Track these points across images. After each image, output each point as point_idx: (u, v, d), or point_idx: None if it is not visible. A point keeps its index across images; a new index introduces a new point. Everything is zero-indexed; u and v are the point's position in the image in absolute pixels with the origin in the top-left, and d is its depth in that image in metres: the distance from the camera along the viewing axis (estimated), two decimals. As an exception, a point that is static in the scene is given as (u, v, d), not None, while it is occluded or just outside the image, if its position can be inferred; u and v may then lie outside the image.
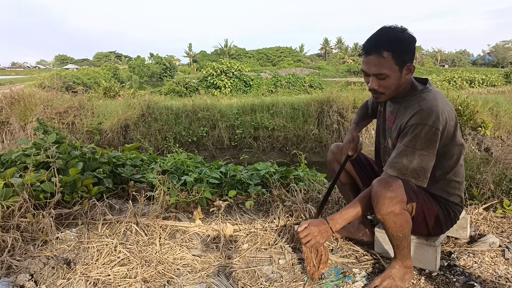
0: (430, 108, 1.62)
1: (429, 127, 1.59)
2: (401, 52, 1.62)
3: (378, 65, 1.63)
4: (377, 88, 1.68)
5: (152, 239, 2.19)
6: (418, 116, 1.62)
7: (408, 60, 1.65)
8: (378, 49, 1.62)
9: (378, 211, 1.59)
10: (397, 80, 1.66)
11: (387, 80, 1.65)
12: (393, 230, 1.63)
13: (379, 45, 1.62)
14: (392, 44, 1.61)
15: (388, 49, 1.60)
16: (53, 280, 1.81)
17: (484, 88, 21.21)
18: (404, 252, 1.71)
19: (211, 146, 11.96)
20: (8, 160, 3.08)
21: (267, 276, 1.86)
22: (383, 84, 1.67)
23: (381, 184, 1.60)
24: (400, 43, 1.63)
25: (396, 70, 1.64)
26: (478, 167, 3.05)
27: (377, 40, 1.65)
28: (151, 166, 3.41)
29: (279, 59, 72.67)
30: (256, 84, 22.52)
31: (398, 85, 1.68)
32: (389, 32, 1.65)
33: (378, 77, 1.66)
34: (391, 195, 1.56)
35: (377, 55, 1.62)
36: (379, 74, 1.64)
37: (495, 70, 41.95)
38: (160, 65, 59.74)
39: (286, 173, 3.14)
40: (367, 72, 1.69)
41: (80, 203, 2.63)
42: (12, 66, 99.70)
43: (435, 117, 1.60)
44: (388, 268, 1.75)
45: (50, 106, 12.21)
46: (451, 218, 1.82)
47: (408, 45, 1.65)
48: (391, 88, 1.68)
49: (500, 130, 11.79)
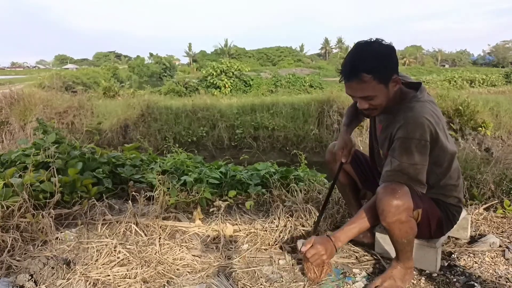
0: (416, 120, 1.58)
1: (417, 140, 1.56)
2: (382, 70, 1.55)
3: (361, 89, 1.57)
4: (367, 107, 1.64)
5: (152, 239, 2.19)
6: (404, 129, 1.59)
7: (391, 74, 1.58)
8: (357, 74, 1.53)
9: (384, 219, 1.57)
10: (386, 95, 1.62)
11: (375, 100, 1.61)
12: (398, 237, 1.63)
13: (357, 69, 1.54)
14: (370, 64, 1.53)
15: (367, 71, 1.52)
16: (53, 280, 1.80)
17: (484, 88, 21.23)
18: (407, 255, 1.71)
19: (211, 146, 11.96)
20: (7, 160, 3.07)
21: (267, 277, 1.86)
22: (373, 103, 1.62)
23: (386, 192, 1.56)
24: (377, 61, 1.54)
25: (381, 88, 1.57)
26: (479, 167, 3.05)
27: (353, 64, 1.56)
28: (151, 166, 3.40)
29: (279, 58, 72.60)
30: (256, 84, 22.54)
31: (388, 98, 1.64)
32: (363, 51, 1.58)
33: (366, 100, 1.62)
34: (397, 203, 1.53)
35: (357, 80, 1.55)
36: (366, 96, 1.60)
37: (495, 70, 41.94)
38: (159, 65, 59.71)
39: (286, 173, 3.13)
40: (350, 95, 1.66)
41: (80, 203, 2.63)
42: (12, 66, 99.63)
43: (422, 130, 1.56)
44: (389, 268, 1.75)
45: (50, 106, 12.23)
46: (451, 220, 1.82)
47: (387, 59, 1.58)
48: (382, 103, 1.63)
49: (500, 130, 11.79)
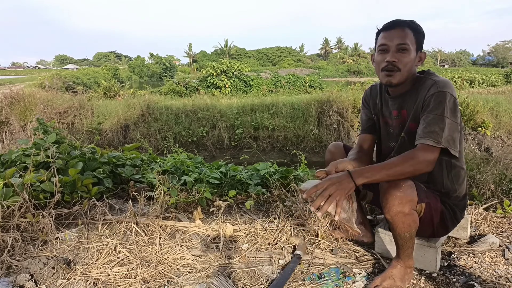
0: (444, 80, 1.67)
1: (450, 95, 1.61)
2: (419, 34, 1.72)
3: (402, 37, 1.69)
4: (396, 60, 1.69)
5: (152, 239, 2.19)
6: (436, 86, 1.64)
7: (422, 47, 1.74)
8: (401, 25, 1.71)
9: (388, 211, 1.58)
10: (413, 61, 1.72)
11: (406, 55, 1.69)
12: (401, 231, 1.62)
13: (402, 23, 1.72)
14: (413, 26, 1.72)
15: (411, 27, 1.71)
16: (53, 280, 1.80)
17: (484, 88, 21.24)
18: (408, 252, 1.71)
19: (211, 146, 11.96)
20: (8, 160, 3.08)
21: (267, 276, 1.86)
22: (401, 58, 1.70)
23: (390, 185, 1.58)
24: (418, 27, 1.73)
25: (414, 49, 1.71)
26: (478, 167, 3.06)
27: (399, 20, 1.74)
28: (151, 166, 3.40)
29: (279, 59, 72.63)
30: (256, 84, 22.52)
31: (411, 67, 1.72)
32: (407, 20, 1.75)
33: (399, 49, 1.69)
34: (401, 195, 1.55)
35: (400, 29, 1.71)
36: (402, 44, 1.69)
37: (495, 70, 42.01)
38: (160, 65, 59.73)
39: (286, 173, 3.14)
40: (388, 44, 1.71)
41: (80, 203, 2.63)
42: (12, 66, 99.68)
43: (453, 88, 1.64)
44: (389, 268, 1.75)
45: (50, 106, 12.22)
46: (457, 217, 1.82)
47: (422, 32, 1.74)
48: (407, 65, 1.71)
49: (500, 130, 11.79)
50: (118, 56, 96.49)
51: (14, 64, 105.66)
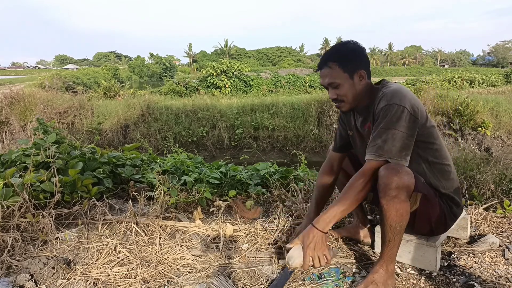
0: (393, 91, 1.71)
1: (396, 105, 1.65)
2: (346, 60, 1.78)
3: (328, 76, 1.80)
4: (335, 97, 1.82)
5: (152, 239, 2.19)
6: (384, 100, 1.70)
7: (357, 67, 1.78)
8: (325, 62, 1.81)
9: (383, 196, 1.58)
10: (352, 87, 1.79)
11: (341, 88, 1.79)
12: (393, 220, 1.60)
13: (326, 59, 1.82)
14: (336, 55, 1.80)
15: (333, 59, 1.79)
16: (53, 280, 1.80)
17: (484, 88, 21.24)
18: (393, 252, 1.68)
19: (211, 146, 11.97)
20: (8, 160, 3.08)
21: (267, 276, 1.86)
22: (339, 93, 1.80)
23: (388, 170, 1.59)
24: (343, 53, 1.80)
25: (346, 77, 1.78)
26: (478, 167, 3.05)
27: (324, 56, 1.84)
28: (151, 166, 3.40)
29: (279, 59, 72.66)
30: (256, 84, 22.53)
31: (355, 92, 1.80)
32: (334, 47, 1.87)
33: (332, 87, 1.81)
34: (398, 180, 1.56)
35: (326, 68, 1.81)
36: (331, 83, 1.80)
37: (495, 70, 42.02)
38: (160, 65, 59.76)
39: (286, 173, 3.14)
40: (322, 84, 1.86)
41: (80, 203, 2.63)
42: (12, 66, 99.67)
43: (401, 96, 1.67)
44: (371, 273, 1.71)
45: (50, 106, 12.23)
46: (454, 213, 1.83)
47: (353, 53, 1.80)
48: (348, 95, 1.80)
49: (500, 130, 11.80)
50: (118, 56, 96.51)
51: (14, 64, 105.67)
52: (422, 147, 1.77)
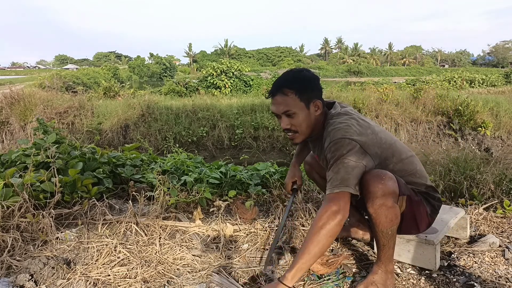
0: (336, 127, 1.64)
1: (339, 139, 1.58)
2: (303, 89, 1.70)
3: (283, 103, 1.70)
4: (289, 127, 1.74)
5: (152, 239, 2.19)
6: (328, 139, 1.64)
7: (313, 97, 1.72)
8: (281, 89, 1.71)
9: (371, 205, 1.57)
10: (307, 117, 1.72)
11: (296, 118, 1.71)
12: (383, 226, 1.60)
13: (281, 85, 1.71)
14: (293, 82, 1.71)
15: (290, 87, 1.70)
16: (53, 280, 1.80)
17: (484, 88, 21.24)
18: (389, 254, 1.68)
19: (211, 146, 11.96)
20: (8, 160, 3.08)
21: (267, 277, 1.86)
22: (294, 122, 1.73)
23: (372, 178, 1.56)
24: (300, 81, 1.72)
25: (302, 107, 1.70)
26: (478, 167, 3.05)
27: (279, 82, 1.74)
28: (151, 166, 3.41)
29: (279, 59, 72.69)
30: (256, 84, 22.52)
31: (309, 122, 1.73)
32: (289, 73, 1.77)
33: (287, 115, 1.72)
34: (383, 187, 1.54)
35: (281, 94, 1.71)
36: (287, 111, 1.71)
37: (495, 70, 42.04)
38: (160, 65, 59.78)
39: (286, 173, 3.14)
40: (276, 112, 1.75)
41: (80, 203, 2.63)
42: (12, 66, 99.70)
43: (343, 132, 1.60)
44: (370, 274, 1.71)
45: (50, 106, 12.23)
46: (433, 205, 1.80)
47: (309, 82, 1.73)
48: (303, 125, 1.73)
49: (500, 130, 11.79)
50: (118, 56, 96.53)
51: (14, 64, 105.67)
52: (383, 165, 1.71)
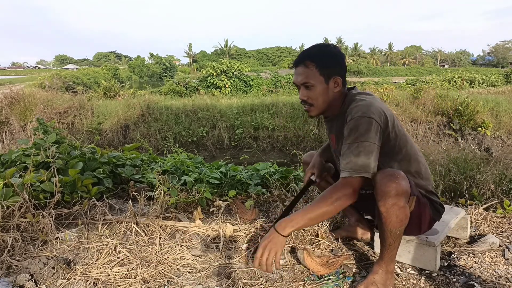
0: (358, 104, 1.65)
1: (360, 117, 1.59)
2: (325, 63, 1.71)
3: (303, 75, 1.72)
4: (305, 98, 1.75)
5: (152, 239, 2.19)
6: (349, 115, 1.64)
7: (334, 73, 1.72)
8: (303, 60, 1.73)
9: (384, 204, 1.55)
10: (324, 92, 1.72)
11: (313, 90, 1.72)
12: (393, 226, 1.59)
13: (304, 57, 1.73)
14: (316, 55, 1.72)
15: (312, 59, 1.71)
16: (53, 280, 1.80)
17: (484, 88, 21.23)
18: (393, 254, 1.68)
19: (211, 146, 11.96)
20: (8, 160, 3.08)
21: (267, 276, 1.86)
22: (311, 95, 1.73)
23: (385, 177, 1.55)
24: (323, 55, 1.72)
25: (321, 81, 1.71)
26: (478, 167, 3.05)
27: (303, 53, 1.76)
28: (151, 166, 3.41)
29: (279, 59, 72.69)
30: (256, 84, 22.52)
31: (327, 97, 1.74)
32: (314, 46, 1.76)
33: (305, 87, 1.73)
34: (397, 186, 1.53)
35: (302, 66, 1.73)
36: (305, 83, 1.72)
37: (495, 70, 42.04)
38: (160, 65, 59.76)
39: (286, 173, 3.14)
40: (295, 83, 1.78)
41: (80, 203, 2.63)
42: (12, 66, 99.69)
43: (366, 109, 1.61)
44: (370, 274, 1.71)
45: (50, 106, 12.23)
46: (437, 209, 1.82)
47: (332, 58, 1.73)
48: (319, 99, 1.74)
49: (500, 130, 11.79)
50: (118, 56, 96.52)
51: (14, 64, 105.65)
52: (392, 156, 1.72)
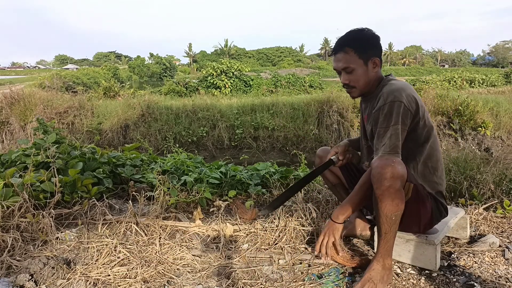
0: (391, 89, 1.73)
1: (392, 102, 1.68)
2: (362, 47, 1.82)
3: (343, 60, 1.83)
4: (348, 82, 1.86)
5: (152, 239, 2.19)
6: (382, 99, 1.72)
7: (372, 55, 1.83)
8: (342, 47, 1.84)
9: (379, 186, 1.59)
10: (365, 73, 1.83)
11: (354, 74, 1.83)
12: (388, 210, 1.61)
13: (342, 44, 1.85)
14: (353, 40, 1.83)
15: (350, 45, 1.82)
16: (53, 280, 1.80)
17: (484, 88, 21.21)
18: (389, 245, 1.68)
19: (211, 146, 11.96)
20: (8, 160, 3.08)
21: (267, 276, 1.86)
22: (352, 78, 1.84)
23: (381, 160, 1.62)
24: (360, 39, 1.83)
25: (361, 63, 1.82)
26: (478, 167, 3.05)
27: (340, 40, 1.87)
28: (151, 166, 3.41)
29: (279, 59, 72.67)
30: (256, 84, 22.51)
31: (367, 78, 1.84)
32: (351, 32, 1.87)
33: (346, 71, 1.84)
34: (392, 170, 1.58)
35: (341, 52, 1.84)
36: (346, 67, 1.83)
37: (495, 70, 42.04)
38: (160, 65, 59.75)
39: (286, 173, 3.14)
40: (336, 69, 1.89)
41: (80, 203, 2.63)
42: (12, 66, 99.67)
43: (398, 93, 1.69)
44: (367, 270, 1.71)
45: (50, 106, 12.22)
46: (440, 210, 1.85)
47: (368, 40, 1.84)
48: (360, 81, 1.84)
49: (500, 130, 11.78)
50: (118, 56, 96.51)
51: (14, 64, 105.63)
52: (415, 145, 1.79)
